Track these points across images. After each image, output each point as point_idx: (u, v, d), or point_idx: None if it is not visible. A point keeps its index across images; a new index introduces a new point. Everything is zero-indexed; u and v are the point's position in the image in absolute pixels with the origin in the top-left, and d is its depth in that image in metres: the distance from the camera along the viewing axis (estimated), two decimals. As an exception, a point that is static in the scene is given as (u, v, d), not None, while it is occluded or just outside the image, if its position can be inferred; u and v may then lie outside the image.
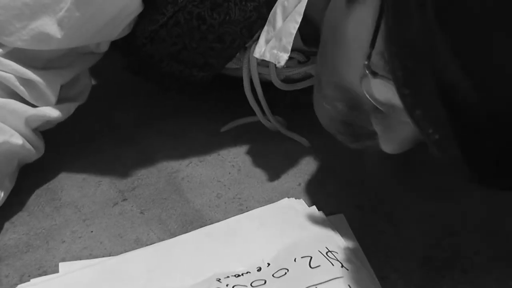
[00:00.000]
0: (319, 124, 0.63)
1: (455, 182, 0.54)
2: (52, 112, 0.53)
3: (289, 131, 0.62)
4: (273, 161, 0.59)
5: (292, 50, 0.48)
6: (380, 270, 0.47)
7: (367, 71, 0.39)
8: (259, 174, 0.58)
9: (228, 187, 0.56)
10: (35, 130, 0.55)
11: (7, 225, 0.53)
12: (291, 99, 0.65)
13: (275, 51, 0.49)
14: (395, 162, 0.57)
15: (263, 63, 0.56)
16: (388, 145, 0.43)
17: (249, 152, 0.60)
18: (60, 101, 0.54)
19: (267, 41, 0.50)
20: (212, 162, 0.60)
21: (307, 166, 0.58)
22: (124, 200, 0.55)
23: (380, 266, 0.47)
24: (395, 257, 0.48)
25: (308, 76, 0.59)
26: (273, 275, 0.45)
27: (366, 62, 0.39)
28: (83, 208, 0.54)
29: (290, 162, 0.59)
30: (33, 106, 0.52)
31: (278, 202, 0.53)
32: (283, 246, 0.48)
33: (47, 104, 0.53)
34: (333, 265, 0.45)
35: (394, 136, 0.42)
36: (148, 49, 0.55)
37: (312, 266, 0.45)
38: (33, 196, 0.56)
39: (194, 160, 0.60)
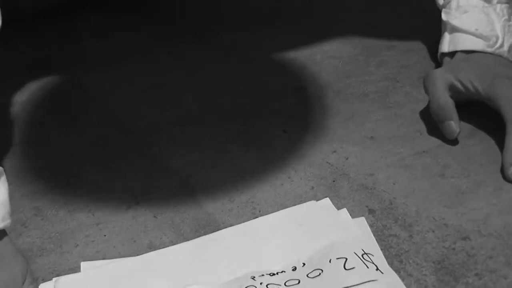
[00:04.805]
0: (330, 133, 0.63)
1: (468, 186, 0.54)
2: None
3: None
4: (285, 165, 0.59)
5: None
6: (393, 275, 0.46)
7: None
8: (272, 178, 0.57)
9: (241, 191, 0.56)
10: None
11: (21, 229, 0.53)
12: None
13: None
14: (408, 166, 0.57)
15: None
16: None
17: (261, 157, 0.60)
18: None
19: None
20: (225, 166, 0.60)
21: (319, 170, 0.58)
22: (137, 204, 0.55)
23: (394, 271, 0.46)
24: (409, 261, 0.48)
25: None
26: (307, 275, 0.46)
27: None
28: (96, 212, 0.55)
29: (302, 166, 0.58)
30: None
31: (310, 202, 0.53)
32: (319, 246, 0.48)
33: None
34: (367, 267, 0.45)
35: None
36: None
37: (346, 268, 0.45)
38: (46, 200, 0.56)
39: (207, 164, 0.60)
